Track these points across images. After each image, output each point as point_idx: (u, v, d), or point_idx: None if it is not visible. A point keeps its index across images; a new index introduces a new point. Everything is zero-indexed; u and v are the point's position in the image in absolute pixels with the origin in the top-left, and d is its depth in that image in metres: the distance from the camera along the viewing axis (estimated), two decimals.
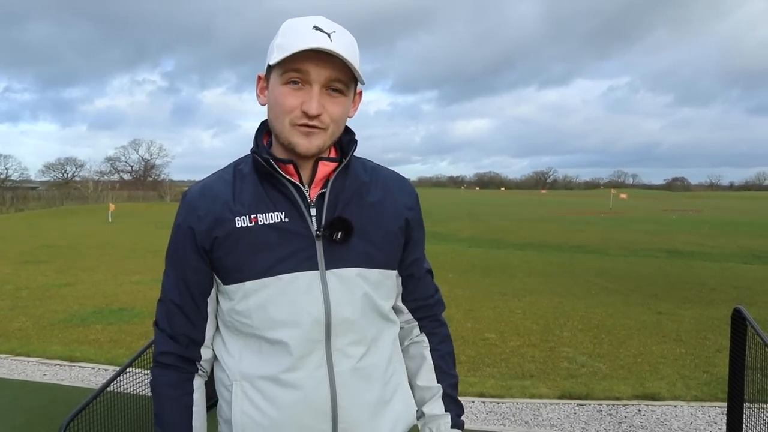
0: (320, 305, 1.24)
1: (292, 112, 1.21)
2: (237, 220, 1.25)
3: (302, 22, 1.22)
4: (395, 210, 1.35)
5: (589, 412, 4.51)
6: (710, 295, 9.65)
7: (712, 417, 4.38)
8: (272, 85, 1.25)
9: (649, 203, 61.46)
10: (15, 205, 43.55)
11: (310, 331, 1.24)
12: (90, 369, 5.70)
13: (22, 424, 4.29)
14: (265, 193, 1.27)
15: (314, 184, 1.29)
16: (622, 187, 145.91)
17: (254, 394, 1.26)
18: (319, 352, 1.25)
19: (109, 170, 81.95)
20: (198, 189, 1.32)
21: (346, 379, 1.27)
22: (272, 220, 1.25)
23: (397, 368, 1.40)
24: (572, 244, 18.41)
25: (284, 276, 1.23)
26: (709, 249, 17.13)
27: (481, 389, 4.97)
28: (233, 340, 1.31)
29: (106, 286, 10.37)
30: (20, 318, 7.93)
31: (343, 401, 1.27)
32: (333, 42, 1.18)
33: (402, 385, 1.41)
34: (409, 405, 1.42)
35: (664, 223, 29.35)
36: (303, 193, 1.27)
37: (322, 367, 1.26)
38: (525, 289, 10.13)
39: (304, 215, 1.26)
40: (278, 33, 1.24)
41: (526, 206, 47.73)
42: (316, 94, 1.20)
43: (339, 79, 1.21)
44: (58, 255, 15.33)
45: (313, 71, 1.19)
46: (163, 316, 1.34)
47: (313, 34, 1.18)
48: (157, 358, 1.34)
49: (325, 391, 1.26)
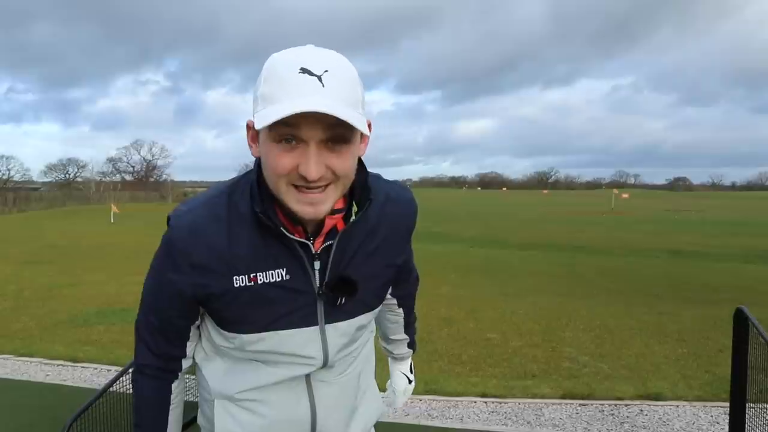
0: (319, 354, 1.25)
1: (288, 174, 1.05)
2: (235, 279, 1.14)
3: (287, 63, 1.02)
4: (398, 247, 1.31)
5: (592, 412, 4.51)
6: (712, 295, 9.63)
7: (715, 417, 4.38)
8: (262, 139, 1.07)
9: (651, 203, 61.40)
10: (17, 205, 43.61)
11: (298, 367, 1.25)
12: (93, 369, 5.70)
13: (25, 425, 4.30)
14: (263, 244, 1.14)
15: (319, 235, 1.17)
16: (623, 187, 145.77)
17: (235, 410, 1.29)
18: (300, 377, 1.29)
19: (110, 171, 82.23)
20: (187, 229, 1.15)
21: (323, 392, 1.30)
22: (273, 279, 1.15)
23: (367, 369, 1.45)
24: (574, 245, 18.40)
25: (283, 332, 1.20)
26: (712, 249, 17.11)
27: (483, 389, 4.97)
28: (217, 362, 1.31)
29: (108, 286, 10.37)
30: (23, 318, 7.94)
31: (321, 413, 1.30)
32: (325, 88, 0.99)
33: (371, 385, 1.47)
34: (377, 401, 1.48)
35: (666, 223, 29.32)
36: (308, 248, 1.16)
37: (301, 383, 1.28)
38: (527, 290, 10.13)
39: (307, 270, 1.17)
40: (262, 75, 1.05)
41: (528, 206, 47.70)
42: (314, 155, 1.02)
43: (339, 133, 1.03)
44: (61, 255, 15.34)
45: (305, 130, 1.01)
46: (143, 330, 1.29)
47: (300, 82, 0.99)
48: (139, 368, 1.32)
49: (305, 406, 1.29)
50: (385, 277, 1.30)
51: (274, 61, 1.05)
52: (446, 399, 4.80)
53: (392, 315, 1.66)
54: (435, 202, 50.34)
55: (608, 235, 21.78)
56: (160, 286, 1.21)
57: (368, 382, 1.45)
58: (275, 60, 1.05)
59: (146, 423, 1.33)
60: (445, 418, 4.45)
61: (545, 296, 9.44)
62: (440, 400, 4.77)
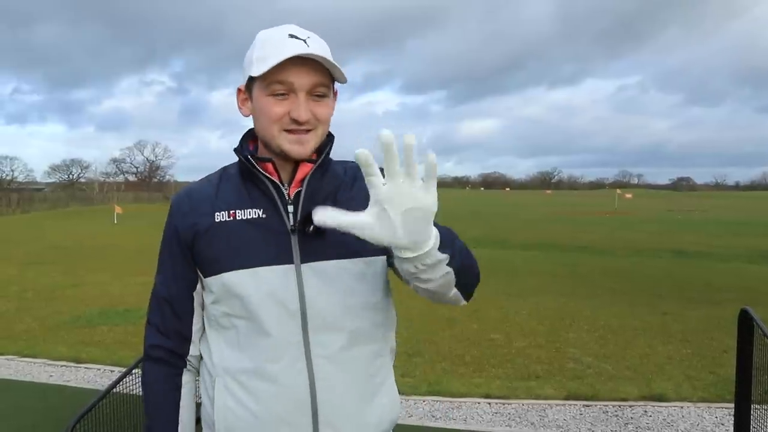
0: (295, 298, 1.27)
1: (281, 119, 1.25)
2: (216, 215, 1.31)
3: (277, 31, 1.27)
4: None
5: (595, 413, 4.50)
6: (716, 296, 9.61)
7: (719, 418, 4.37)
8: (256, 96, 1.29)
9: (654, 203, 61.32)
10: (21, 206, 43.72)
11: (286, 323, 1.27)
12: (96, 370, 5.71)
13: (28, 426, 4.31)
14: (246, 191, 1.33)
15: (293, 184, 1.33)
16: (626, 187, 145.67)
17: (235, 388, 1.30)
18: (297, 345, 1.28)
19: (114, 171, 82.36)
20: (185, 191, 1.40)
21: (325, 371, 1.28)
22: (250, 216, 1.30)
23: (386, 362, 1.41)
24: (577, 245, 18.37)
25: (260, 269, 1.27)
26: (715, 249, 17.07)
27: (486, 390, 4.97)
28: (215, 336, 1.36)
29: (111, 287, 10.40)
30: (26, 319, 7.96)
31: (322, 394, 1.28)
32: (310, 47, 1.22)
33: (389, 380, 1.42)
34: (394, 399, 1.42)
35: (669, 223, 29.28)
36: (282, 191, 1.31)
37: (300, 360, 1.27)
38: (530, 290, 10.12)
39: (281, 212, 1.31)
40: (254, 45, 1.29)
41: (531, 207, 47.68)
42: (303, 101, 1.24)
43: (321, 83, 1.26)
44: (64, 256, 15.38)
45: (296, 80, 1.23)
46: (152, 311, 1.42)
47: (290, 42, 1.22)
48: (148, 351, 1.41)
49: (304, 383, 1.27)
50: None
51: (263, 33, 1.29)
52: (450, 400, 4.79)
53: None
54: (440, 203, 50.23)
55: (611, 236, 21.75)
56: (164, 239, 1.40)
57: (384, 374, 1.40)
58: (265, 33, 1.29)
59: (157, 418, 1.38)
60: (448, 419, 4.44)
61: (548, 297, 9.43)
62: (443, 401, 4.76)
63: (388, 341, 1.42)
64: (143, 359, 1.42)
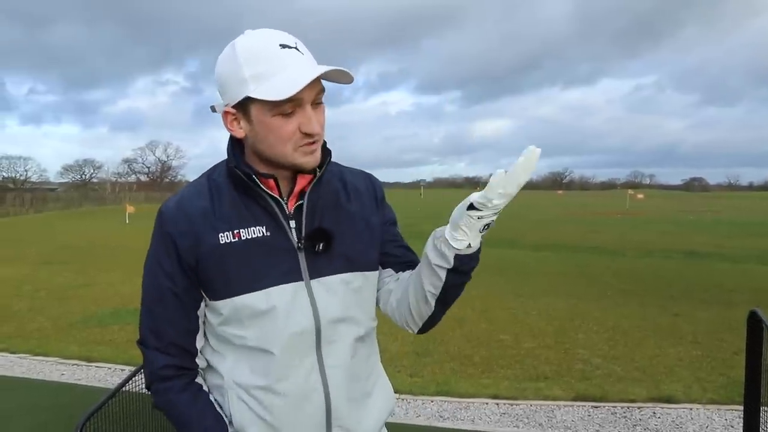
0: (308, 313, 1.28)
1: (293, 137, 1.21)
2: (220, 236, 1.24)
3: (262, 41, 1.19)
4: (368, 209, 1.40)
5: (604, 414, 4.49)
6: (728, 297, 9.54)
7: (729, 420, 4.34)
8: (258, 118, 1.21)
9: (666, 204, 60.90)
10: (34, 206, 44.11)
11: (301, 340, 1.27)
12: (107, 369, 5.76)
13: (41, 423, 4.35)
14: (244, 207, 1.27)
15: (292, 197, 1.30)
16: (638, 187, 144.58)
17: (251, 401, 1.29)
18: (311, 358, 1.29)
19: (126, 172, 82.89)
20: (175, 203, 1.30)
21: (336, 380, 1.31)
22: (255, 235, 1.26)
23: (376, 360, 1.47)
24: (588, 245, 18.29)
25: (271, 290, 1.25)
26: (727, 250, 16.93)
27: (495, 391, 4.96)
28: (224, 350, 1.32)
29: (123, 287, 10.47)
30: (39, 318, 8.03)
31: (336, 402, 1.31)
32: (304, 55, 1.21)
33: (381, 375, 1.48)
34: (388, 393, 1.49)
35: (680, 224, 29.07)
36: (282, 205, 1.28)
37: (314, 372, 1.30)
38: (540, 291, 10.09)
39: (284, 228, 1.28)
40: (237, 59, 1.19)
41: (542, 207, 47.47)
42: (312, 114, 1.21)
43: (321, 90, 1.23)
44: (76, 256, 15.50)
45: (305, 95, 1.19)
46: (150, 332, 1.33)
47: (286, 55, 1.18)
48: (157, 374, 1.31)
49: (319, 396, 1.30)
50: (365, 235, 1.36)
51: (245, 44, 1.20)
52: (458, 400, 4.80)
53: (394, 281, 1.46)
54: (448, 203, 50.17)
55: (622, 236, 21.64)
56: (159, 254, 1.29)
57: (378, 370, 1.47)
58: (247, 43, 1.20)
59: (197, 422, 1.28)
60: (456, 419, 4.44)
61: (558, 297, 9.40)
62: (452, 402, 4.77)
63: (375, 341, 1.48)
64: (151, 384, 1.32)
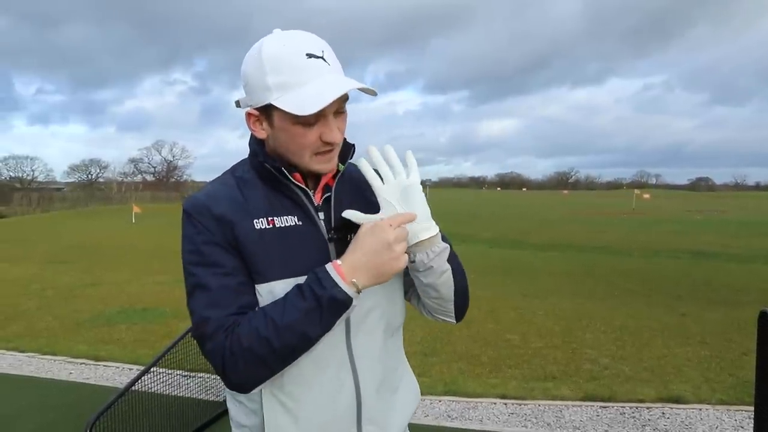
0: None
1: (313, 145, 1.24)
2: (255, 222, 1.25)
3: (291, 51, 1.18)
4: None
5: (612, 414, 4.47)
6: (735, 297, 9.50)
7: (739, 421, 4.32)
8: (280, 124, 1.23)
9: (673, 203, 60.68)
10: (41, 206, 44.32)
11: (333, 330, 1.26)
12: (115, 368, 5.77)
13: (49, 422, 4.37)
14: (275, 197, 1.29)
15: (317, 190, 1.33)
16: (644, 187, 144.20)
17: (282, 396, 1.29)
18: (342, 351, 1.30)
19: (132, 171, 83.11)
20: (204, 195, 1.28)
21: (366, 371, 1.32)
22: (288, 223, 1.27)
23: (402, 355, 1.48)
24: (594, 245, 18.25)
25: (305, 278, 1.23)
26: (734, 250, 16.87)
27: (503, 391, 4.95)
28: None
29: (130, 286, 10.50)
30: (47, 317, 8.06)
31: (365, 393, 1.32)
32: (331, 66, 1.20)
33: (406, 370, 1.50)
34: (414, 388, 1.51)
35: (687, 224, 28.96)
36: (311, 197, 1.31)
37: (345, 364, 1.30)
38: (547, 291, 10.07)
39: (314, 219, 1.30)
40: (267, 68, 1.18)
41: (548, 207, 47.39)
42: (334, 123, 1.23)
43: (344, 99, 1.24)
44: (83, 255, 15.56)
45: (329, 107, 1.19)
46: (208, 309, 1.21)
47: (312, 65, 1.18)
48: (225, 323, 1.19)
49: (350, 388, 1.31)
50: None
51: (272, 51, 1.19)
52: (466, 400, 4.78)
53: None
54: (454, 203, 50.16)
55: (629, 236, 21.58)
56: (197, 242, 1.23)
57: (405, 366, 1.49)
58: (273, 51, 1.19)
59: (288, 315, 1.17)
60: (464, 419, 4.44)
61: (565, 297, 9.38)
62: (460, 401, 4.76)
63: (401, 336, 1.49)
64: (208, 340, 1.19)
